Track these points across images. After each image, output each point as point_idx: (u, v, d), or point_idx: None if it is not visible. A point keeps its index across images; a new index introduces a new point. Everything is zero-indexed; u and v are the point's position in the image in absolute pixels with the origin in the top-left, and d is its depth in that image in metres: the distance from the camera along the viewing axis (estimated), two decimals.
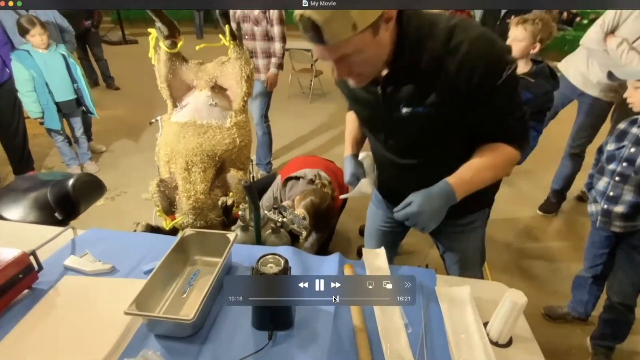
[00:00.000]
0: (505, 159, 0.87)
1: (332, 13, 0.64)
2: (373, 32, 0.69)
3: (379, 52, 0.74)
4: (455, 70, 0.75)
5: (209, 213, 1.57)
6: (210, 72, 1.72)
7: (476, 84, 0.75)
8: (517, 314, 0.76)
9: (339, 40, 0.67)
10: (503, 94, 0.79)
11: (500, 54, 0.76)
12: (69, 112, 2.71)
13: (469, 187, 0.84)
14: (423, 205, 0.80)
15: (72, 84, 2.61)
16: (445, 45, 0.74)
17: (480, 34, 0.75)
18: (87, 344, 0.75)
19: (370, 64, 0.76)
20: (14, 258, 0.82)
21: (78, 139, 2.89)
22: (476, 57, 0.74)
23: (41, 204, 1.42)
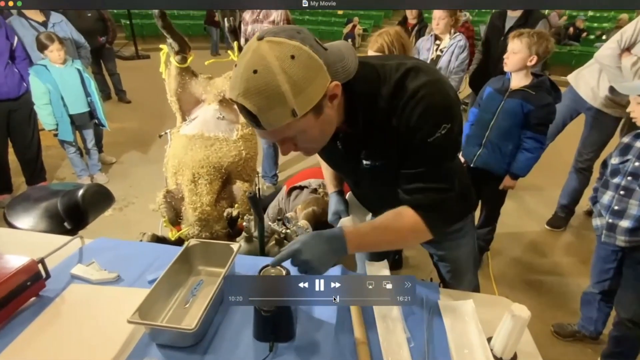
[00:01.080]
0: (408, 227, 0.79)
1: (266, 102, 0.59)
2: (316, 114, 0.65)
3: (324, 129, 0.71)
4: (398, 122, 0.72)
5: (214, 224, 1.58)
6: (219, 86, 1.76)
7: (409, 134, 0.72)
8: (521, 329, 0.75)
9: (278, 127, 0.63)
10: (432, 152, 0.73)
11: (439, 109, 0.71)
12: (81, 125, 2.79)
13: (363, 241, 0.78)
14: (306, 243, 0.74)
15: (85, 97, 2.70)
16: (393, 99, 0.72)
17: (425, 83, 0.70)
18: (91, 351, 0.76)
19: (317, 140, 0.73)
20: (22, 265, 0.84)
21: (89, 150, 2.96)
22: (414, 109, 0.70)
23: (51, 213, 1.45)
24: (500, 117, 1.76)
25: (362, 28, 10.83)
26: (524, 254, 2.40)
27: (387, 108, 0.72)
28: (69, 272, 0.97)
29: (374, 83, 0.72)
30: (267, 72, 0.58)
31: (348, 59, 0.69)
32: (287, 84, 0.59)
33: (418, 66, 0.73)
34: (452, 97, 0.73)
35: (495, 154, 1.81)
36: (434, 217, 0.79)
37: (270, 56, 0.59)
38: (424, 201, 0.78)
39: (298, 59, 0.59)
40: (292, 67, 0.59)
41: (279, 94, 0.59)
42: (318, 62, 0.62)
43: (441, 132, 0.71)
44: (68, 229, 1.45)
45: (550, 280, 2.17)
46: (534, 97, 1.68)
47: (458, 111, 0.76)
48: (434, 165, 0.76)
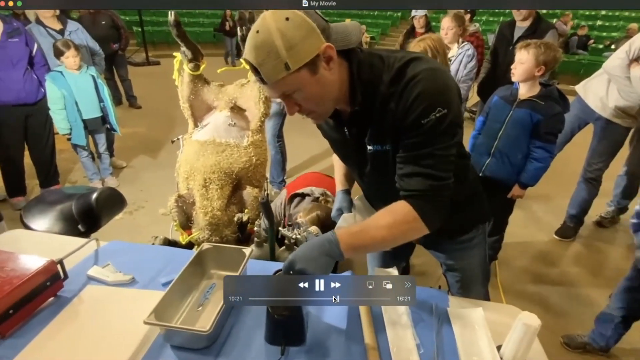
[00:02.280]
0: (401, 219, 0.80)
1: (264, 55, 0.68)
2: (310, 71, 0.71)
3: (323, 91, 0.76)
4: (396, 106, 0.76)
5: (224, 229, 1.60)
6: (230, 93, 1.80)
7: (404, 116, 0.75)
8: (531, 338, 0.76)
9: (275, 80, 0.71)
10: (425, 135, 0.76)
11: (435, 93, 0.74)
12: (94, 129, 2.85)
13: (356, 241, 0.78)
14: (298, 253, 0.76)
15: (99, 102, 2.76)
16: (393, 84, 0.76)
17: (425, 70, 0.74)
18: (107, 352, 0.78)
19: (317, 102, 0.78)
20: (43, 266, 0.87)
21: (101, 154, 3.01)
22: (410, 91, 0.74)
23: (66, 216, 1.49)
24: (509, 126, 1.77)
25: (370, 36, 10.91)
26: (532, 264, 2.38)
27: (386, 93, 0.77)
28: (86, 273, 0.99)
29: (377, 70, 0.78)
30: (265, 31, 0.68)
31: (351, 32, 0.77)
32: (280, 39, 0.67)
33: (420, 57, 0.78)
34: (450, 85, 0.76)
35: (504, 164, 1.82)
36: (427, 206, 0.80)
37: (270, 19, 0.69)
38: (416, 186, 0.79)
39: (292, 20, 0.68)
40: (285, 26, 0.68)
41: (273, 48, 0.68)
42: (311, 25, 0.69)
43: (435, 115, 0.74)
44: (82, 231, 1.48)
45: (559, 290, 2.15)
46: (542, 107, 1.68)
47: (455, 100, 0.77)
48: (427, 148, 0.77)
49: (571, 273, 2.31)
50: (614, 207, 2.77)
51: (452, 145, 0.79)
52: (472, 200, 1.04)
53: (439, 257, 1.17)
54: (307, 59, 0.70)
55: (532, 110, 1.70)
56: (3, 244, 1.03)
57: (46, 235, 1.29)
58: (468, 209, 1.04)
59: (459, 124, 0.80)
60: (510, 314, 0.91)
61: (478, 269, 1.14)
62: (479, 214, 1.09)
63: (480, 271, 1.15)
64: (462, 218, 1.04)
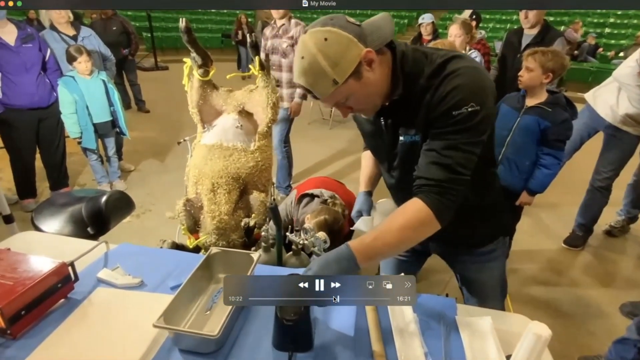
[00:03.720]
0: (413, 218, 0.80)
1: (314, 78, 0.75)
2: (356, 79, 0.77)
3: (370, 91, 0.81)
4: (431, 97, 0.79)
5: (231, 233, 1.61)
6: (239, 98, 1.82)
7: (437, 106, 0.79)
8: (542, 348, 0.74)
9: (327, 95, 0.78)
10: (453, 126, 0.78)
11: (471, 89, 0.76)
12: (104, 133, 2.90)
13: (371, 251, 0.79)
14: (320, 271, 0.76)
15: (109, 107, 2.80)
16: (432, 77, 0.80)
17: (465, 67, 0.78)
18: (116, 354, 0.78)
19: (367, 101, 0.83)
20: (54, 268, 0.88)
21: (110, 158, 3.05)
22: (447, 84, 0.77)
23: (76, 218, 1.50)
24: (517, 133, 1.77)
25: None
26: (540, 272, 2.35)
27: (425, 85, 0.80)
28: (95, 275, 1.00)
29: (420, 63, 0.81)
30: (309, 55, 0.74)
31: (384, 27, 0.79)
32: (324, 60, 0.73)
33: (462, 56, 0.82)
34: (486, 85, 0.79)
35: (511, 170, 1.81)
36: (439, 200, 0.80)
37: (310, 43, 0.74)
38: (433, 175, 0.80)
39: (330, 39, 0.73)
40: (326, 46, 0.73)
41: (320, 70, 0.74)
42: (348, 38, 0.74)
43: (467, 109, 0.76)
44: (91, 233, 1.49)
45: (568, 300, 2.12)
46: (550, 114, 1.68)
47: (490, 100, 0.79)
48: (453, 140, 0.79)
49: (580, 283, 2.28)
50: (624, 217, 2.73)
51: (478, 142, 0.80)
52: (494, 210, 1.03)
53: (456, 269, 1.15)
54: (351, 69, 0.75)
55: (540, 117, 1.69)
56: (15, 245, 1.05)
57: (56, 237, 1.30)
58: (490, 220, 1.03)
59: (490, 124, 0.81)
60: (520, 323, 0.90)
61: (496, 283, 1.11)
62: (501, 226, 1.07)
63: (498, 286, 1.12)
64: (483, 228, 1.03)
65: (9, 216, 1.84)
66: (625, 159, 2.33)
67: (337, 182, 1.96)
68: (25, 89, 2.44)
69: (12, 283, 0.82)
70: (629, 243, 2.68)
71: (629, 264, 2.45)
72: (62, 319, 0.86)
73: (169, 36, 10.31)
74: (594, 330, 1.80)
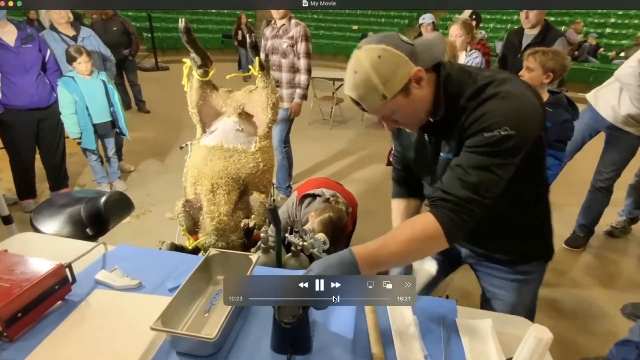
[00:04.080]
0: (422, 232, 0.80)
1: (364, 91, 0.79)
2: (404, 95, 0.79)
3: (416, 107, 0.83)
4: (466, 118, 0.80)
5: (230, 234, 1.60)
6: (239, 99, 1.81)
7: (470, 126, 0.79)
8: (543, 351, 0.74)
9: (375, 109, 0.82)
10: (484, 147, 0.77)
11: (507, 113, 0.76)
12: (104, 134, 2.89)
13: (374, 259, 0.78)
14: (321, 274, 0.75)
15: (109, 107, 2.80)
16: (471, 98, 0.80)
17: (506, 91, 0.77)
18: (113, 357, 0.77)
19: (412, 117, 0.86)
20: (52, 269, 0.87)
21: (110, 158, 3.05)
22: (484, 107, 0.78)
23: (74, 219, 1.50)
24: None
25: None
26: None
27: (463, 106, 0.81)
28: (93, 277, 0.99)
29: (462, 85, 0.82)
30: (362, 71, 0.78)
31: (435, 47, 0.82)
32: (376, 77, 0.77)
33: (509, 78, 0.81)
34: (527, 111, 0.77)
35: None
36: (452, 218, 0.79)
37: (364, 59, 0.78)
38: (453, 190, 0.79)
39: (383, 57, 0.77)
40: (379, 64, 0.76)
41: (371, 85, 0.78)
42: (400, 56, 0.77)
43: (500, 132, 0.75)
44: (89, 234, 1.49)
45: (569, 301, 2.11)
46: (551, 114, 1.67)
47: (529, 127, 0.78)
48: (481, 160, 0.78)
49: (582, 284, 2.27)
50: (626, 217, 2.72)
51: (508, 166, 0.79)
52: (537, 232, 1.01)
53: (484, 283, 1.12)
54: (400, 86, 0.78)
55: None
56: (12, 247, 1.04)
57: (54, 238, 1.30)
58: (532, 240, 1.01)
59: (524, 148, 0.78)
60: (521, 326, 0.89)
61: (525, 308, 1.06)
62: (542, 250, 1.04)
63: (525, 310, 1.06)
64: (523, 247, 1.01)
65: (8, 217, 1.84)
66: (626, 160, 2.32)
67: (336, 183, 1.95)
68: (25, 89, 2.44)
69: (9, 285, 0.81)
70: (630, 244, 2.67)
71: (631, 265, 2.44)
72: (60, 321, 0.85)
73: (169, 36, 10.32)
74: (595, 332, 1.79)
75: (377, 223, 1.91)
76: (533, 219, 0.99)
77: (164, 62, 8.74)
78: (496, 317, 0.93)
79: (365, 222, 2.14)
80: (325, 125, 5.18)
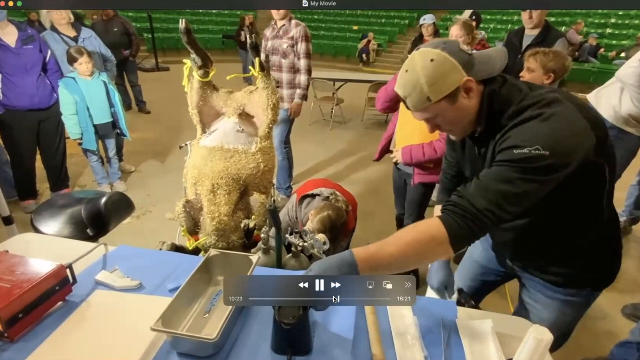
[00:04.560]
0: (427, 232, 0.79)
1: (411, 90, 0.81)
2: (450, 102, 0.81)
3: (460, 115, 0.84)
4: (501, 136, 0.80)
5: (231, 235, 1.60)
6: (239, 100, 1.81)
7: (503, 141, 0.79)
8: (543, 352, 0.74)
9: (419, 109, 0.84)
10: (511, 162, 0.75)
11: (544, 134, 0.73)
12: (104, 134, 2.89)
13: (374, 261, 0.76)
14: (316, 271, 0.75)
15: (109, 108, 2.80)
16: (512, 117, 0.79)
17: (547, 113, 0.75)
18: (114, 357, 0.78)
19: (455, 125, 0.87)
20: (52, 270, 0.88)
21: (110, 159, 3.05)
22: (522, 127, 0.77)
23: (75, 219, 1.50)
24: None
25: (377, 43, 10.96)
26: None
27: (505, 124, 0.81)
28: (94, 278, 1.00)
29: (508, 102, 0.82)
30: (412, 71, 0.81)
31: (494, 60, 0.84)
32: (424, 78, 0.79)
33: (558, 100, 0.77)
34: (567, 134, 0.74)
35: None
36: (461, 224, 0.77)
37: (417, 60, 0.81)
38: (473, 199, 0.77)
39: (436, 61, 0.79)
40: (429, 67, 0.79)
41: (418, 85, 0.80)
42: (452, 63, 0.79)
43: (530, 150, 0.73)
44: (90, 235, 1.49)
45: None
46: None
47: (568, 153, 0.74)
48: (508, 173, 0.76)
49: None
50: (626, 218, 2.72)
51: (535, 183, 0.75)
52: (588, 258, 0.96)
53: (524, 293, 1.09)
54: (447, 92, 0.80)
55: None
56: (13, 247, 1.04)
57: (55, 239, 1.30)
58: (581, 266, 0.96)
59: (559, 170, 0.75)
60: (521, 326, 0.89)
61: (557, 329, 0.96)
62: (592, 276, 0.98)
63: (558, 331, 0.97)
64: (570, 270, 0.97)
65: (9, 217, 1.84)
66: (628, 160, 2.32)
67: (335, 184, 1.96)
68: (26, 90, 2.44)
69: (10, 286, 0.81)
70: (631, 244, 2.66)
71: (631, 266, 2.44)
72: (60, 321, 0.85)
73: (169, 37, 10.33)
74: (596, 332, 1.79)
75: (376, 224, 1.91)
76: (584, 244, 0.94)
77: (164, 62, 8.76)
78: (496, 318, 0.93)
79: (364, 223, 2.14)
80: (326, 125, 5.18)
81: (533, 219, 0.91)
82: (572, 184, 0.80)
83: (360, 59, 10.70)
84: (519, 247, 1.02)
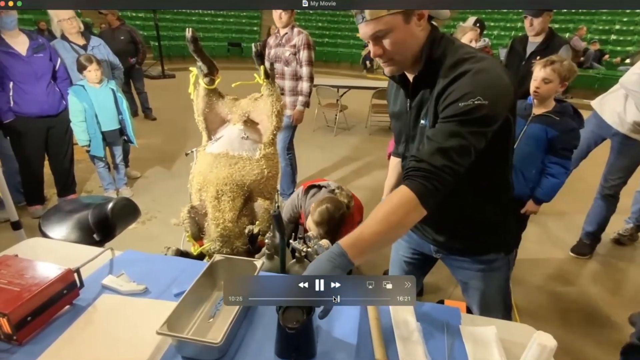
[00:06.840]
0: (398, 204, 0.80)
1: None
2: (404, 19, 0.83)
3: (408, 41, 0.86)
4: (443, 89, 0.84)
5: (235, 241, 1.62)
6: (244, 107, 1.84)
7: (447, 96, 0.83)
8: (547, 359, 0.74)
9: (375, 17, 0.82)
10: (459, 116, 0.80)
11: (481, 84, 0.79)
12: (112, 141, 2.94)
13: (360, 243, 0.78)
14: (314, 271, 0.76)
15: (117, 115, 2.85)
16: (451, 69, 0.84)
17: (484, 67, 0.81)
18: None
19: (399, 49, 0.87)
20: (60, 274, 0.89)
21: (117, 165, 3.09)
22: (460, 79, 0.81)
23: (82, 225, 1.52)
24: (523, 141, 1.76)
25: None
26: (547, 282, 2.32)
27: (444, 75, 0.85)
28: (100, 282, 1.01)
29: (445, 52, 0.87)
30: None
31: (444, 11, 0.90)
32: None
33: (488, 58, 0.85)
34: (500, 85, 0.81)
35: (517, 179, 1.80)
36: (426, 186, 0.80)
37: None
38: (430, 159, 0.81)
39: None
40: None
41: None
42: None
43: (474, 102, 0.78)
44: (97, 240, 1.51)
45: (575, 309, 2.09)
46: (558, 123, 1.67)
47: (501, 99, 0.81)
48: (457, 128, 0.81)
49: (588, 292, 2.24)
50: (633, 224, 2.69)
51: (479, 135, 0.81)
52: (499, 225, 1.06)
53: (457, 275, 1.16)
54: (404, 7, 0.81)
55: (548, 126, 1.68)
56: (22, 251, 1.06)
57: (63, 243, 1.32)
58: (494, 233, 1.05)
59: (496, 120, 0.82)
60: (525, 333, 0.89)
61: (496, 293, 1.12)
62: (504, 242, 1.09)
63: (499, 295, 1.13)
64: (485, 238, 1.05)
65: (17, 222, 1.87)
66: (633, 167, 2.30)
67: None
68: (36, 97, 2.49)
69: (19, 289, 0.83)
70: (638, 252, 2.63)
71: (638, 273, 2.41)
72: (67, 325, 0.86)
73: (176, 45, 10.49)
74: (602, 341, 1.77)
75: None
76: (495, 213, 1.02)
77: (170, 70, 8.88)
78: (500, 325, 0.93)
79: None
80: (330, 132, 5.20)
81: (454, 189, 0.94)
82: (491, 145, 0.85)
83: (364, 66, 10.77)
84: (442, 220, 1.04)
